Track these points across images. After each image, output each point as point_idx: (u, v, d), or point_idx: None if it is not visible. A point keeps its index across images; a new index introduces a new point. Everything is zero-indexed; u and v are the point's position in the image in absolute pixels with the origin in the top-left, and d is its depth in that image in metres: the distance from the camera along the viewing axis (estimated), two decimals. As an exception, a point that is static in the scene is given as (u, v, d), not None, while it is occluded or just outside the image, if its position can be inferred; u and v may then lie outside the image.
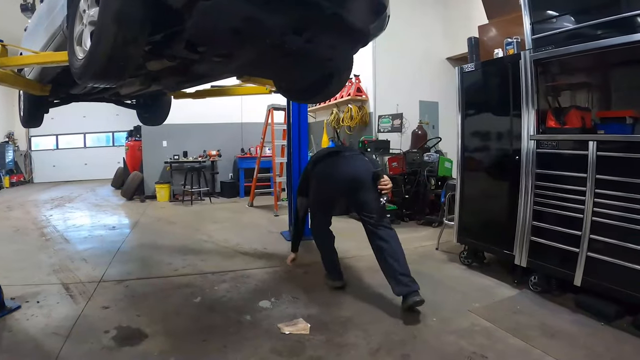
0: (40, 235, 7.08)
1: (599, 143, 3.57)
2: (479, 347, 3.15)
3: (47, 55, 3.70)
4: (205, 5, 2.29)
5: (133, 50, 2.42)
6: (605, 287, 3.53)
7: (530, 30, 4.15)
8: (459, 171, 5.16)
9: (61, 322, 3.57)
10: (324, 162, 4.30)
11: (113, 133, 18.91)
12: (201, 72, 4.03)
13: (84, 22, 2.68)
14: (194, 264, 5.31)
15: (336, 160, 4.20)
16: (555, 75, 4.49)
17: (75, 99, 5.60)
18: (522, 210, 4.25)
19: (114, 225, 8.07)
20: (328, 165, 4.24)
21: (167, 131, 11.00)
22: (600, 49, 3.54)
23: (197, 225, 8.00)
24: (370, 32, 3.21)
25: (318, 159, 4.38)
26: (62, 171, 18.01)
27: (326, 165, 4.25)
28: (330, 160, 4.25)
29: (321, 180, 4.26)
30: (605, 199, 3.52)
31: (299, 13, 2.67)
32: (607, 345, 3.15)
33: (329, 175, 4.18)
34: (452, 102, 5.27)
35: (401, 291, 3.72)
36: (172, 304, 4.03)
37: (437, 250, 5.89)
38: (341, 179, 4.07)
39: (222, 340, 3.28)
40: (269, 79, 4.83)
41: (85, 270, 5.01)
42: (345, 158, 4.18)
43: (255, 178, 10.19)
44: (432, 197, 7.85)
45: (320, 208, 4.45)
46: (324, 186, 4.25)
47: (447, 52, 10.25)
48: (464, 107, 5.07)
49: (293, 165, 6.74)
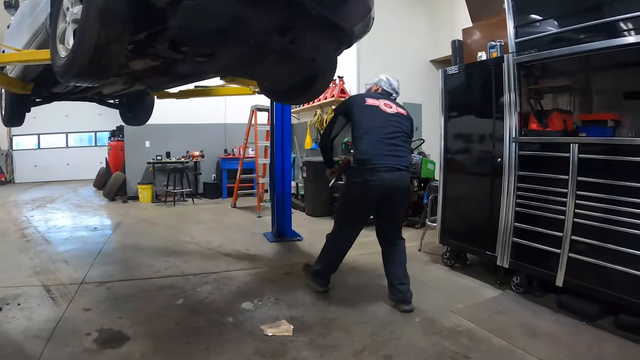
0: (21, 237, 6.97)
1: (581, 145, 3.62)
2: (462, 347, 3.17)
3: (29, 54, 3.66)
4: (190, 4, 2.28)
5: (116, 49, 2.39)
6: (586, 287, 3.58)
7: (514, 33, 4.20)
8: (442, 173, 5.20)
9: (42, 324, 3.51)
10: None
11: (95, 133, 18.68)
12: (185, 72, 4.01)
13: (67, 20, 2.64)
14: (177, 266, 5.27)
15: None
16: (538, 78, 4.54)
17: (58, 98, 5.53)
18: (504, 212, 4.29)
19: (96, 227, 7.98)
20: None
21: (150, 131, 10.90)
22: (583, 53, 3.61)
23: (179, 226, 7.95)
24: (354, 33, 3.22)
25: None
26: (44, 171, 17.74)
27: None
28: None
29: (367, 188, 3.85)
30: (587, 200, 3.58)
31: (283, 13, 2.66)
32: (588, 344, 3.19)
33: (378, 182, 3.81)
34: (436, 104, 5.30)
35: (397, 298, 3.91)
36: (155, 306, 3.99)
37: (419, 251, 5.91)
38: (387, 184, 3.85)
39: (205, 342, 3.26)
40: (253, 80, 4.80)
41: (66, 272, 4.95)
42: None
43: (238, 179, 10.14)
44: (414, 199, 7.88)
45: (358, 216, 4.11)
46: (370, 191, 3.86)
47: (431, 55, 10.32)
48: (447, 109, 5.11)
49: (276, 166, 6.74)
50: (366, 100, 4.01)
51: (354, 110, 3.98)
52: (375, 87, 4.29)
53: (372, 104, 3.99)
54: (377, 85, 4.28)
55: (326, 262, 4.27)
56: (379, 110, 3.97)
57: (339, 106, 4.19)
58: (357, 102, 4.04)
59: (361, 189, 3.86)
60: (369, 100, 4.01)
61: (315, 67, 3.70)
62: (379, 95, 4.17)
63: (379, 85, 4.26)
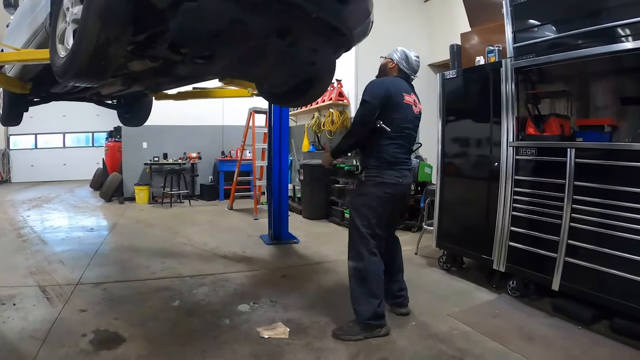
0: (17, 237, 6.96)
1: (578, 150, 3.63)
2: (458, 351, 3.18)
3: (28, 53, 3.65)
4: (191, 6, 2.28)
5: (116, 49, 2.39)
6: (582, 291, 3.59)
7: (512, 38, 4.21)
8: (439, 177, 5.21)
9: (38, 325, 3.51)
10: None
11: (93, 133, 18.67)
12: (184, 74, 4.00)
13: (67, 20, 2.64)
14: (173, 267, 5.26)
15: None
16: (536, 83, 4.55)
17: (56, 98, 5.52)
18: (500, 216, 4.30)
19: (92, 227, 7.97)
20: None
21: (148, 132, 10.87)
22: (580, 59, 3.62)
23: (176, 228, 7.94)
24: (354, 37, 3.23)
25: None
26: (41, 171, 17.72)
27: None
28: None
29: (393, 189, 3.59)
30: (583, 205, 3.59)
31: (283, 16, 2.67)
32: (583, 348, 3.20)
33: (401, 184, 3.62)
34: (433, 108, 5.31)
35: (396, 303, 3.89)
36: (151, 308, 3.99)
37: (416, 255, 5.92)
38: (408, 182, 3.74)
39: (201, 344, 3.26)
40: (252, 81, 4.80)
41: (62, 273, 4.94)
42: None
43: (236, 181, 10.14)
44: (411, 202, 7.88)
45: (385, 220, 3.66)
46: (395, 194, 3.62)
47: (429, 59, 10.31)
48: (444, 114, 5.12)
49: (273, 168, 6.75)
50: (404, 97, 3.57)
51: (391, 107, 3.53)
52: (391, 63, 3.76)
53: (408, 101, 3.61)
54: (393, 62, 3.75)
55: (370, 294, 3.46)
56: (410, 110, 3.65)
57: (376, 90, 3.54)
58: (396, 96, 3.54)
59: (392, 190, 3.57)
60: (406, 97, 3.59)
61: (314, 70, 3.71)
62: (405, 84, 3.71)
63: (395, 63, 3.74)
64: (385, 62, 3.81)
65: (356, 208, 3.64)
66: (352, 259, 3.58)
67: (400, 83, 3.67)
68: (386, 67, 3.80)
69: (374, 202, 3.55)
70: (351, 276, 3.56)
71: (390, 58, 3.78)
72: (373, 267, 3.48)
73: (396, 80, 3.68)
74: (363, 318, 3.40)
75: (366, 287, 3.45)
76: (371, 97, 3.50)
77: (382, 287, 3.54)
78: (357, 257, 3.53)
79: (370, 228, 3.52)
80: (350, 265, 3.59)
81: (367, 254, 3.48)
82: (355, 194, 3.78)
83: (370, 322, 3.40)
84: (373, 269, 3.48)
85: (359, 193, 3.69)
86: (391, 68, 3.77)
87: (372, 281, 3.46)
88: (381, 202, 3.55)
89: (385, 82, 3.60)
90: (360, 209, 3.58)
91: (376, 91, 3.52)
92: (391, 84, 3.58)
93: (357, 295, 3.50)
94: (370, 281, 3.46)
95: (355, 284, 3.52)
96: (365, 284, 3.46)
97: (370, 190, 3.57)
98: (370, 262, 3.48)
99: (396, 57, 3.74)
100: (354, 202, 3.75)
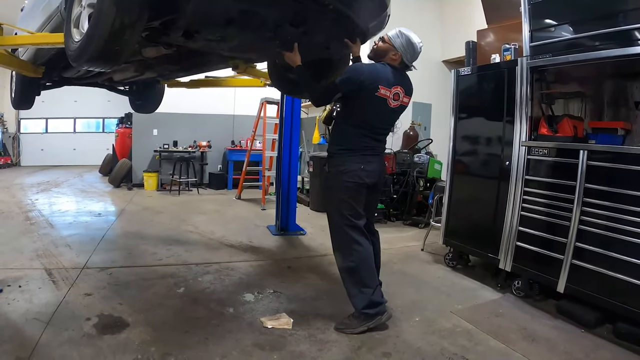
0: (24, 219, 7.01)
1: (590, 152, 3.60)
2: (460, 348, 3.17)
3: (42, 37, 3.67)
4: None
5: (130, 35, 2.40)
6: (587, 294, 3.57)
7: (529, 37, 4.17)
8: (449, 174, 5.18)
9: (42, 307, 3.54)
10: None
11: (103, 119, 18.75)
12: (197, 61, 4.03)
13: (82, 5, 2.65)
14: (179, 255, 5.29)
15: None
16: (551, 83, 4.51)
17: (68, 83, 5.55)
18: (509, 216, 4.28)
19: (100, 212, 8.02)
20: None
21: (158, 120, 10.94)
22: (597, 60, 3.58)
23: (183, 215, 7.96)
24: (369, 30, 3.21)
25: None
26: (50, 155, 17.84)
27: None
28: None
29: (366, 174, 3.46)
30: (593, 207, 3.56)
31: (300, 6, 2.67)
32: (586, 351, 3.19)
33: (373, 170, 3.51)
34: (446, 104, 5.29)
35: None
36: (155, 294, 4.01)
37: (422, 251, 5.91)
38: (378, 171, 3.60)
39: (204, 332, 3.27)
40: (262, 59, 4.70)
41: (68, 256, 4.98)
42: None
43: (245, 171, 10.16)
44: (419, 198, 7.89)
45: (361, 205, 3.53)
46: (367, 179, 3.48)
47: (443, 55, 10.29)
48: (457, 111, 5.09)
49: (283, 159, 6.75)
50: (379, 89, 3.32)
51: (361, 96, 3.34)
52: (393, 53, 3.45)
53: (383, 95, 3.35)
54: (397, 53, 3.44)
55: (361, 284, 3.41)
56: (384, 105, 3.41)
57: (352, 76, 3.32)
58: (369, 87, 3.30)
59: (356, 178, 3.40)
60: (381, 90, 3.33)
61: (329, 60, 3.71)
62: (393, 74, 3.45)
63: (399, 54, 3.44)
64: (386, 48, 3.47)
65: (331, 202, 3.55)
66: (337, 252, 3.54)
67: (384, 74, 3.40)
68: (387, 55, 3.48)
69: (343, 194, 3.44)
70: (339, 270, 3.54)
71: (392, 45, 3.44)
72: (358, 256, 3.40)
73: (381, 71, 3.40)
74: (359, 309, 3.38)
75: (356, 277, 3.41)
76: (341, 82, 3.34)
77: (373, 273, 3.47)
78: (341, 250, 3.49)
79: (346, 219, 3.43)
80: (336, 259, 3.57)
81: (351, 244, 3.41)
82: (326, 187, 3.66)
83: (367, 312, 3.35)
84: (359, 258, 3.40)
85: (327, 185, 3.61)
86: (393, 59, 3.47)
87: (361, 270, 3.40)
88: (350, 192, 3.43)
89: (365, 72, 3.34)
90: (333, 202, 3.50)
91: (348, 76, 3.34)
92: (371, 74, 3.34)
93: (348, 288, 3.46)
94: (359, 271, 3.40)
95: (345, 277, 3.48)
96: (355, 275, 3.41)
97: (336, 181, 3.47)
98: (355, 252, 3.40)
99: (401, 47, 3.42)
100: (327, 196, 3.65)
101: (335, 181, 3.48)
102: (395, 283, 4.45)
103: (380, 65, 3.47)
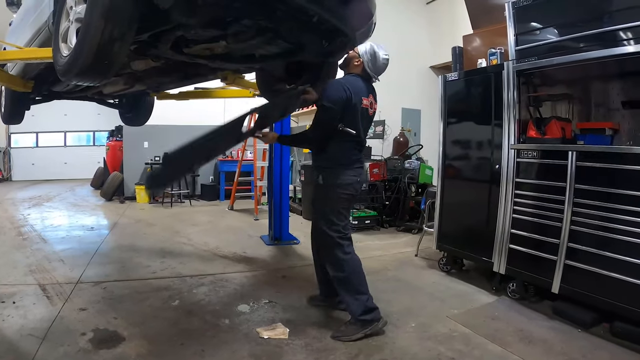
0: (17, 235, 6.95)
1: (579, 153, 3.64)
2: (457, 352, 3.18)
3: (31, 51, 3.66)
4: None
5: (119, 48, 2.40)
6: (582, 294, 3.59)
7: (514, 41, 4.22)
8: (440, 179, 5.21)
9: (37, 323, 3.51)
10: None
11: (94, 132, 18.62)
12: (186, 73, 4.04)
13: (70, 19, 2.65)
14: (173, 267, 5.26)
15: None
16: (537, 86, 4.55)
17: (58, 97, 5.52)
18: (501, 218, 4.30)
19: (93, 226, 7.97)
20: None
21: (149, 132, 10.87)
22: (582, 62, 3.63)
23: (176, 227, 7.93)
24: (355, 38, 3.23)
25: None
26: (42, 169, 17.66)
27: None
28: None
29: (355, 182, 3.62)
30: (584, 208, 3.59)
31: (284, 17, 2.68)
32: (583, 351, 3.20)
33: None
34: (435, 110, 5.32)
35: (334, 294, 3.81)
36: (150, 307, 3.99)
37: (416, 256, 5.91)
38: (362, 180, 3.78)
39: (200, 344, 3.26)
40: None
41: (62, 271, 4.94)
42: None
43: (236, 181, 10.16)
44: (412, 204, 7.90)
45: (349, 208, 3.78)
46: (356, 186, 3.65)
47: (431, 61, 10.36)
48: (446, 116, 5.12)
49: (274, 169, 6.74)
50: (362, 100, 3.52)
51: (350, 111, 3.46)
52: (356, 60, 3.58)
53: (365, 105, 3.56)
54: (359, 60, 3.57)
55: (355, 292, 3.48)
56: (366, 114, 3.62)
57: (336, 94, 3.41)
58: (355, 101, 3.45)
59: (352, 190, 3.57)
60: (363, 101, 3.53)
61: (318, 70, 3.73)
62: (364, 83, 3.60)
63: (360, 61, 3.56)
64: (352, 55, 3.61)
65: (323, 215, 3.59)
66: (329, 264, 3.58)
67: (359, 84, 3.54)
68: (351, 63, 3.63)
69: (338, 205, 3.55)
70: (333, 280, 3.57)
71: (357, 52, 3.57)
72: (350, 267, 3.50)
73: (356, 82, 3.53)
74: (356, 315, 3.42)
75: (350, 287, 3.47)
76: (332, 103, 3.39)
77: (364, 281, 3.53)
78: (334, 262, 3.54)
79: (339, 232, 3.52)
80: (329, 271, 3.59)
81: (343, 255, 3.50)
82: (318, 199, 3.72)
83: (364, 318, 3.39)
84: (351, 268, 3.50)
85: (321, 198, 3.65)
86: (356, 65, 3.60)
87: (354, 280, 3.48)
88: (345, 204, 3.59)
89: (345, 85, 3.45)
90: (327, 215, 3.54)
91: (336, 96, 3.40)
92: (351, 86, 3.46)
93: (343, 296, 3.51)
94: (351, 280, 3.48)
95: (339, 287, 3.53)
96: (349, 285, 3.47)
97: (332, 194, 3.53)
98: (347, 263, 3.50)
99: (365, 55, 3.53)
100: (318, 208, 3.69)
101: (330, 193, 3.54)
102: (390, 289, 4.46)
103: (351, 77, 3.59)
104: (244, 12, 2.63)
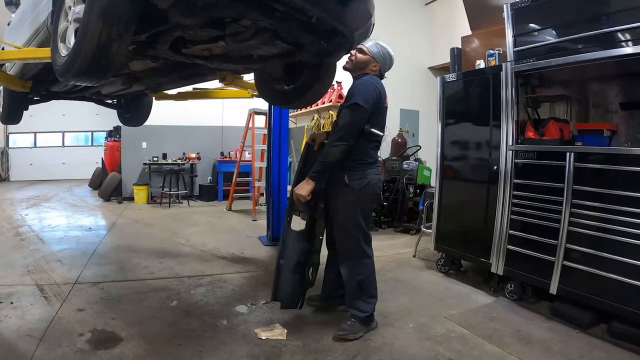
0: (15, 235, 6.95)
1: (577, 154, 3.64)
2: (455, 353, 3.18)
3: (29, 51, 3.65)
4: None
5: (117, 49, 2.39)
6: (580, 295, 3.60)
7: (513, 42, 4.22)
8: (438, 179, 5.21)
9: (35, 324, 3.50)
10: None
11: (92, 133, 18.62)
12: (184, 73, 4.04)
13: (68, 19, 2.65)
14: (171, 268, 5.25)
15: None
16: (536, 87, 4.55)
17: (56, 97, 5.52)
18: (499, 219, 4.31)
19: (91, 227, 7.95)
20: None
21: (147, 132, 10.86)
22: (580, 63, 3.64)
23: (174, 228, 7.93)
24: (354, 39, 3.23)
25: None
26: (40, 170, 17.67)
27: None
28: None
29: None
30: (582, 209, 3.60)
31: (283, 18, 2.68)
32: (581, 352, 3.21)
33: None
34: (433, 111, 5.33)
35: (342, 302, 3.85)
36: (148, 308, 3.98)
37: (414, 257, 5.92)
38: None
39: (198, 344, 3.25)
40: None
41: (60, 272, 4.93)
42: None
43: (234, 182, 10.14)
44: (410, 205, 7.90)
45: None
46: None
47: (429, 62, 10.37)
48: (444, 117, 5.13)
49: (273, 169, 6.73)
50: (386, 100, 3.55)
51: (379, 111, 3.47)
52: (374, 65, 3.52)
53: (387, 104, 3.62)
54: (376, 65, 3.53)
55: (368, 295, 3.54)
56: (386, 114, 3.64)
57: (369, 94, 3.36)
58: (383, 100, 3.48)
59: (378, 189, 3.58)
60: (386, 100, 3.58)
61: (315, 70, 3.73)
62: (380, 82, 3.54)
63: (378, 66, 3.53)
64: (367, 60, 3.51)
65: (351, 219, 3.45)
66: (348, 267, 3.52)
67: (382, 85, 3.53)
68: (367, 66, 3.53)
69: (366, 206, 3.55)
70: (348, 282, 3.54)
71: (372, 56, 3.50)
72: (369, 270, 3.53)
73: (381, 83, 3.52)
74: (363, 315, 3.45)
75: (365, 289, 3.50)
76: (365, 102, 3.31)
77: (375, 282, 3.60)
78: (354, 264, 3.49)
79: (366, 234, 3.52)
80: (344, 273, 3.55)
81: (364, 259, 3.51)
82: (345, 202, 3.47)
83: (369, 317, 3.50)
84: (369, 272, 3.53)
85: (349, 200, 3.44)
86: (373, 70, 3.54)
87: (370, 283, 3.53)
88: (370, 205, 3.64)
89: (375, 84, 3.43)
90: (356, 217, 3.44)
91: (369, 95, 3.35)
92: (380, 86, 3.47)
93: (354, 296, 3.51)
94: (368, 284, 3.52)
95: (354, 288, 3.51)
96: (365, 287, 3.50)
97: (361, 195, 3.43)
98: (367, 267, 3.52)
99: (380, 58, 3.52)
100: (345, 212, 3.48)
101: (359, 195, 3.43)
102: (389, 290, 4.45)
103: (374, 77, 3.53)
104: (242, 13, 2.62)
